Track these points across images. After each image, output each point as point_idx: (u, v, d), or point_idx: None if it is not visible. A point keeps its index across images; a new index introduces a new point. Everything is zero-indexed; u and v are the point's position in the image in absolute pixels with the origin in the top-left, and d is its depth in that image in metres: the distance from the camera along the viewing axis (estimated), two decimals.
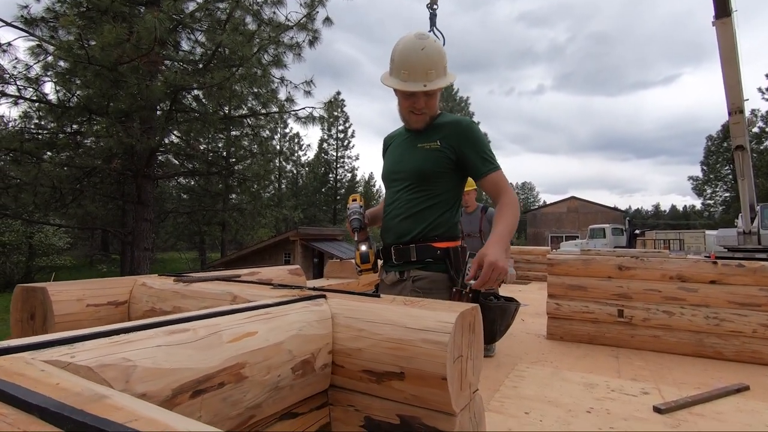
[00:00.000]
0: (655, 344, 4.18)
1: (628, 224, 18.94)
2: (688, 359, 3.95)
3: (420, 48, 1.59)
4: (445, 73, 1.66)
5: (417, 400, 0.93)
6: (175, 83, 6.75)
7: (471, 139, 1.67)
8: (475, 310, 1.04)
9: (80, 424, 0.34)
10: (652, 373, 3.55)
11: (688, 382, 3.31)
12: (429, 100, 1.66)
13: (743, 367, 3.70)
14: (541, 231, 36.22)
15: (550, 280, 4.72)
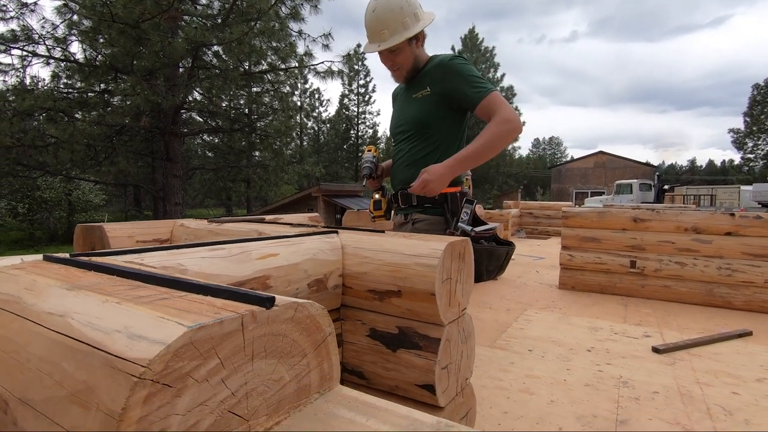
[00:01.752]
0: (664, 294, 4.29)
1: (657, 179, 18.35)
2: (697, 308, 4.05)
3: (372, 10, 1.64)
4: (405, 27, 1.62)
5: (412, 313, 1.12)
6: (195, 39, 6.81)
7: (454, 73, 1.64)
8: (465, 242, 1.20)
9: (214, 289, 0.52)
10: (658, 319, 3.69)
11: (692, 328, 3.44)
12: (396, 57, 1.68)
13: (750, 316, 3.79)
14: (566, 187, 35.48)
15: (565, 233, 4.81)
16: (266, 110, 12.71)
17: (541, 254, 7.41)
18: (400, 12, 1.61)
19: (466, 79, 1.63)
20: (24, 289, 0.51)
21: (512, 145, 34.07)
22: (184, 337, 0.35)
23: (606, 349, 2.96)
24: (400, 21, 1.61)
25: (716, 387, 2.39)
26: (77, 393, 0.35)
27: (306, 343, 0.48)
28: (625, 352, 2.90)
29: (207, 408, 0.37)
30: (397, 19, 1.61)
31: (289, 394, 0.46)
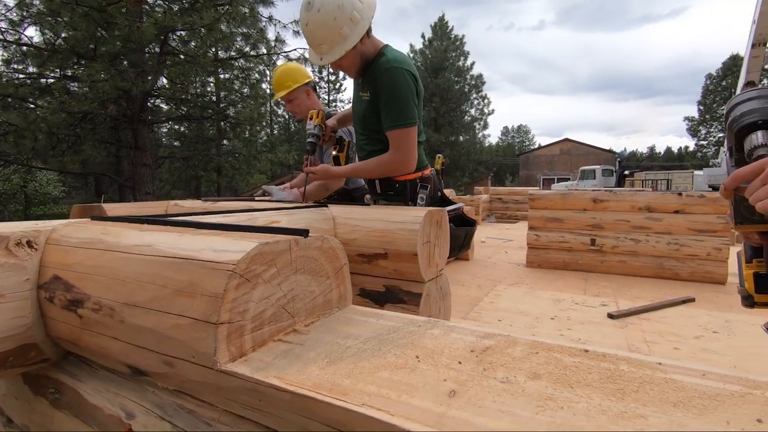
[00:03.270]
0: (621, 268, 4.66)
1: (618, 165, 19.27)
2: (649, 280, 4.44)
3: (305, 24, 1.58)
4: (343, 37, 1.57)
5: (397, 273, 1.29)
6: (164, 24, 6.65)
7: (383, 90, 1.63)
8: (442, 212, 1.38)
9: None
10: (614, 291, 4.04)
11: (644, 297, 3.79)
12: (342, 62, 1.67)
13: (694, 285, 4.19)
14: (534, 173, 36.60)
15: (531, 214, 5.11)
16: (236, 97, 12.51)
17: (510, 237, 7.77)
18: (334, 24, 1.53)
19: (390, 101, 1.62)
20: (100, 234, 0.64)
21: (482, 132, 34.69)
22: (257, 248, 0.50)
23: (567, 317, 3.25)
24: (336, 32, 1.55)
25: (660, 344, 2.71)
26: (181, 289, 0.49)
27: (329, 268, 0.64)
28: (584, 319, 3.20)
29: (269, 301, 0.52)
30: (332, 31, 1.54)
31: (319, 304, 0.62)
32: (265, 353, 0.50)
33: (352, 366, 0.46)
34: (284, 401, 0.42)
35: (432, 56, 30.86)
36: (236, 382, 0.45)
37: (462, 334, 0.55)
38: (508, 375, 0.44)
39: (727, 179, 0.71)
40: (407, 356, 0.48)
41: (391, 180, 1.82)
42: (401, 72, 1.62)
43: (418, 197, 1.78)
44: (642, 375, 0.44)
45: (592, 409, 0.37)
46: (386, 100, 1.63)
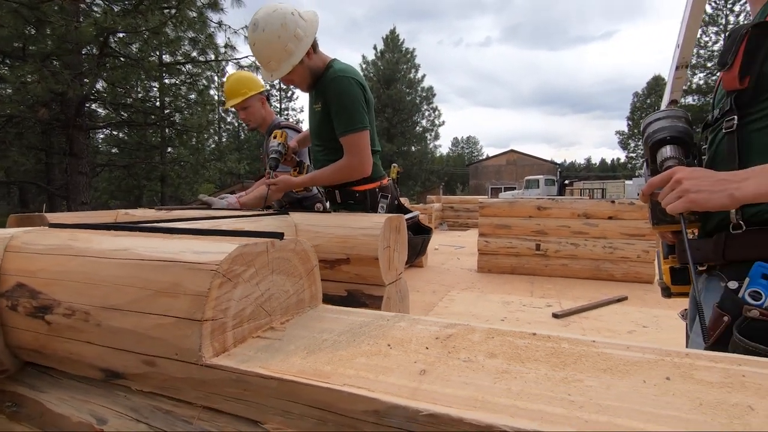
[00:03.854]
0: (563, 271, 4.99)
1: (559, 175, 20.53)
2: (588, 281, 4.78)
3: (252, 44, 1.67)
4: (289, 53, 1.64)
5: (358, 277, 1.34)
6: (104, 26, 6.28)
7: (334, 98, 1.70)
8: (400, 218, 1.44)
9: None
10: (557, 292, 4.31)
11: (584, 297, 4.08)
12: (292, 77, 1.73)
13: (627, 285, 4.57)
14: (483, 183, 38.07)
15: (481, 221, 5.34)
16: (183, 104, 12.03)
17: (462, 244, 8.05)
18: (278, 42, 1.61)
19: (340, 108, 1.69)
20: (69, 240, 0.63)
21: (434, 143, 35.63)
22: (238, 249, 0.53)
23: (516, 318, 3.43)
24: (282, 50, 1.63)
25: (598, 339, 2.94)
26: (164, 289, 0.51)
27: (302, 269, 0.67)
28: (531, 319, 3.39)
29: (249, 300, 0.55)
30: (278, 49, 1.62)
31: (293, 303, 0.65)
32: (247, 348, 0.53)
33: (330, 355, 0.50)
34: (270, 388, 0.45)
35: (384, 68, 31.39)
36: (222, 374, 0.48)
37: (427, 325, 0.61)
38: (470, 355, 0.50)
39: (644, 186, 0.83)
40: (380, 345, 0.53)
41: (351, 190, 1.86)
42: (348, 80, 1.70)
43: (379, 206, 1.83)
44: (579, 350, 0.52)
45: (540, 377, 0.44)
46: (336, 108, 1.70)
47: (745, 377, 0.44)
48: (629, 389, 0.42)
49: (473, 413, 0.37)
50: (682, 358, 0.49)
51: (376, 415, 0.40)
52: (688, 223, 0.86)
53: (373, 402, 0.40)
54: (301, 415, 0.45)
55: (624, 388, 0.42)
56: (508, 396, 0.40)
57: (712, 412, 0.37)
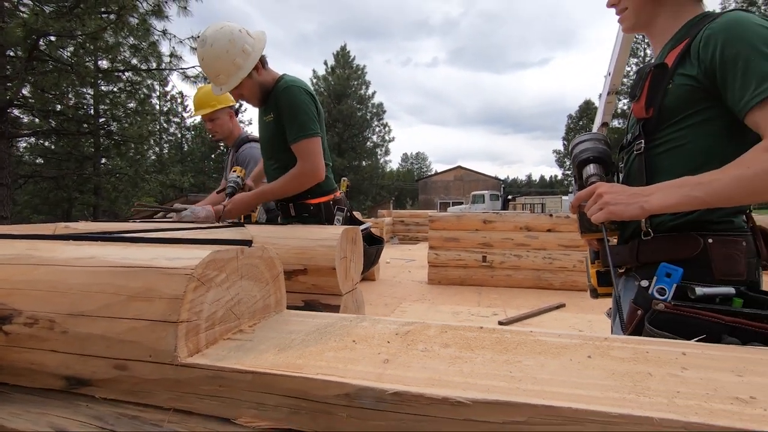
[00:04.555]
0: (507, 281, 5.25)
1: (502, 191, 21.58)
2: (530, 290, 5.07)
3: (201, 59, 1.69)
4: (237, 67, 1.68)
5: (316, 288, 1.37)
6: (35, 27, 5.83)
7: (284, 107, 1.74)
8: (356, 229, 1.50)
9: None
10: (503, 301, 4.54)
11: (526, 305, 4.33)
12: (241, 91, 1.76)
13: (565, 293, 4.90)
14: (432, 198, 39.08)
15: (431, 234, 5.51)
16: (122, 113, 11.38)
17: (413, 257, 8.21)
18: (226, 56, 1.65)
19: (291, 116, 1.74)
20: (28, 250, 0.62)
21: (384, 158, 36.18)
22: (211, 255, 0.56)
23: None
24: (230, 63, 1.66)
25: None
26: (137, 294, 0.53)
27: (268, 275, 0.71)
28: None
29: (220, 303, 0.58)
30: (226, 63, 1.66)
31: (260, 308, 0.68)
32: (219, 349, 0.55)
33: (300, 351, 0.54)
34: (246, 382, 0.49)
35: (335, 83, 31.62)
36: (197, 372, 0.50)
37: (387, 324, 0.67)
38: (427, 346, 0.56)
39: (573, 199, 0.96)
40: (346, 341, 0.58)
41: (306, 203, 1.87)
42: (298, 89, 1.77)
43: (335, 219, 1.86)
44: (519, 339, 0.60)
45: (487, 361, 0.51)
46: (288, 116, 1.75)
47: (648, 353, 0.54)
48: (558, 366, 0.50)
49: (432, 389, 0.43)
50: (602, 342, 0.59)
51: (347, 398, 0.45)
52: (609, 231, 0.99)
53: (344, 386, 0.45)
54: (275, 406, 0.49)
55: (554, 366, 0.50)
56: (460, 375, 0.47)
57: (621, 378, 0.46)
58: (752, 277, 0.83)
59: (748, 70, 0.74)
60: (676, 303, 0.78)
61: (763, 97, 0.73)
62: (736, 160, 0.75)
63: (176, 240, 0.66)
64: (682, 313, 0.76)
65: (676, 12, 0.93)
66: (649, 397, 0.42)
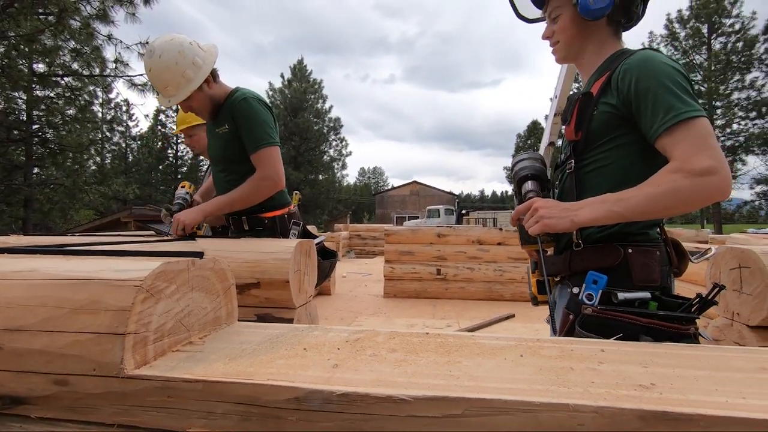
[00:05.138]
0: (461, 294, 5.39)
1: (457, 206, 22.18)
2: (482, 302, 5.23)
3: (148, 70, 1.65)
4: (187, 79, 1.65)
5: (269, 301, 1.36)
6: None
7: (241, 115, 1.73)
8: (311, 243, 1.51)
9: None
10: (456, 313, 4.65)
11: (479, 317, 4.46)
12: (191, 103, 1.74)
13: (515, 304, 5.10)
14: (388, 212, 39.44)
15: (387, 248, 5.57)
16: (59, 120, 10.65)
17: (369, 271, 8.23)
18: (176, 68, 1.63)
19: (250, 125, 1.74)
20: None
21: (341, 172, 36.17)
22: (162, 266, 0.56)
23: None
24: (180, 75, 1.64)
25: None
26: (82, 307, 0.52)
27: (219, 287, 0.71)
28: None
29: (169, 315, 0.58)
30: (176, 74, 1.64)
31: (210, 320, 0.69)
32: (168, 360, 0.55)
33: (251, 360, 0.55)
34: (196, 391, 0.49)
35: (291, 96, 31.40)
36: (145, 384, 0.50)
37: (338, 332, 0.69)
38: (375, 352, 0.59)
39: (513, 213, 1.03)
40: (296, 349, 0.60)
41: (260, 217, 1.86)
42: (255, 100, 1.78)
43: (290, 233, 1.85)
44: (461, 342, 0.64)
45: (429, 362, 0.55)
46: (246, 126, 1.74)
47: (573, 351, 0.60)
48: (494, 365, 0.55)
49: (377, 389, 0.46)
50: (534, 343, 0.64)
51: (297, 402, 0.47)
52: (545, 242, 1.08)
53: (294, 390, 0.47)
54: (225, 414, 0.49)
55: (490, 365, 0.55)
56: (404, 376, 0.50)
57: (547, 373, 0.52)
58: (665, 282, 0.93)
59: (657, 102, 0.86)
60: (602, 307, 0.86)
61: (668, 125, 0.84)
62: (649, 180, 0.85)
63: (124, 252, 0.66)
64: (606, 316, 0.84)
65: (599, 48, 1.05)
66: (568, 387, 0.47)
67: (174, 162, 36.55)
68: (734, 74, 23.58)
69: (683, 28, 24.76)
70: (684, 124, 0.82)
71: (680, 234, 5.47)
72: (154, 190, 35.55)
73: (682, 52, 24.75)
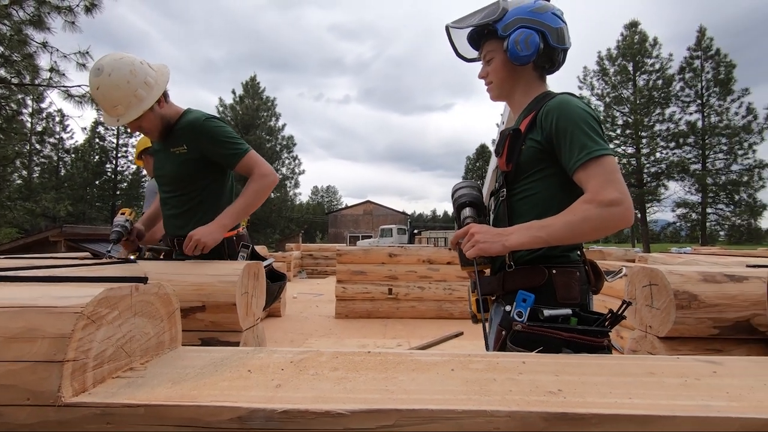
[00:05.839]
0: (412, 313, 5.46)
1: (409, 225, 22.56)
2: (432, 320, 5.33)
3: (95, 87, 1.59)
4: (139, 99, 1.62)
5: (214, 325, 1.34)
6: None
7: (208, 136, 1.72)
8: (259, 265, 1.51)
9: None
10: (407, 332, 4.70)
11: (429, 335, 4.54)
12: (141, 123, 1.69)
13: (463, 322, 5.24)
14: (341, 231, 39.28)
15: (339, 268, 5.56)
16: None
17: (321, 291, 8.12)
18: (127, 87, 1.59)
19: (221, 142, 1.73)
20: None
21: (294, 191, 35.67)
22: (104, 292, 0.56)
23: None
24: (131, 95, 1.60)
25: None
26: (17, 335, 0.51)
27: (163, 312, 0.72)
28: None
29: (110, 341, 0.58)
30: (127, 94, 1.59)
31: (153, 345, 0.69)
32: (108, 387, 0.55)
33: (195, 383, 0.57)
34: (137, 416, 0.50)
35: (243, 113, 30.83)
36: (83, 411, 0.50)
37: (283, 353, 0.72)
38: (317, 371, 0.63)
39: (452, 238, 1.11)
40: (241, 371, 0.62)
41: None
42: (217, 120, 1.78)
43: (239, 256, 1.83)
44: (400, 359, 0.69)
45: (368, 379, 0.59)
46: (217, 145, 1.73)
47: (498, 364, 0.67)
48: (426, 379, 0.60)
49: (316, 405, 0.50)
50: (465, 357, 0.71)
51: (239, 421, 0.49)
52: (482, 264, 1.17)
53: (236, 410, 0.49)
54: None
55: (423, 379, 0.60)
56: (343, 392, 0.54)
57: (472, 384, 0.57)
58: (584, 300, 1.04)
59: (573, 141, 0.98)
60: (530, 324, 0.95)
61: (583, 161, 0.96)
62: (567, 209, 0.96)
63: (63, 278, 0.65)
64: (533, 331, 0.93)
65: (527, 89, 1.18)
66: (489, 396, 0.53)
67: (113, 177, 34.35)
68: (656, 108, 26.20)
69: (612, 65, 27.27)
70: (595, 161, 0.95)
71: (611, 253, 5.91)
72: (89, 207, 33.13)
73: (611, 87, 27.18)
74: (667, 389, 0.57)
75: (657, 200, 26.20)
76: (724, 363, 0.68)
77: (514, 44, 1.08)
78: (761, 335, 1.28)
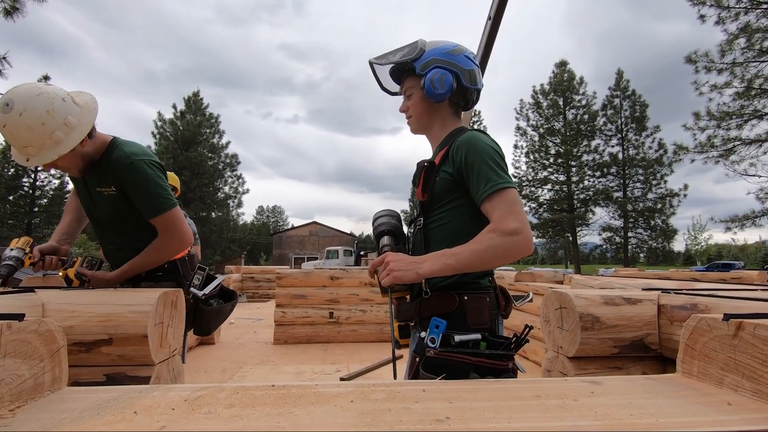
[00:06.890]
0: (353, 336, 5.40)
1: (356, 247, 22.49)
2: (374, 344, 5.30)
3: (2, 125, 1.38)
4: (56, 141, 1.43)
5: (122, 359, 1.25)
6: None
7: (133, 183, 1.59)
8: (178, 292, 1.44)
9: None
10: (347, 356, 4.63)
11: (370, 359, 4.50)
12: (58, 163, 1.53)
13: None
14: (286, 252, 38.30)
15: (278, 292, 5.40)
16: None
17: (261, 315, 7.81)
18: (42, 128, 1.39)
19: (142, 194, 1.61)
20: None
21: (236, 211, 34.40)
22: None
23: None
24: (46, 137, 1.41)
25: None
26: None
27: (44, 350, 0.66)
28: None
29: None
30: (41, 136, 1.40)
31: (28, 388, 0.63)
32: None
33: (69, 429, 0.53)
34: None
35: (184, 129, 29.60)
36: None
37: (180, 391, 0.69)
38: (211, 409, 0.61)
39: (369, 266, 1.14)
40: (125, 413, 0.58)
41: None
42: (141, 163, 1.61)
43: (195, 277, 1.77)
44: (302, 392, 0.69)
45: (263, 416, 0.58)
46: (141, 193, 1.62)
47: (399, 393, 0.69)
48: (322, 412, 0.60)
49: None
50: (368, 388, 0.72)
51: None
52: (400, 291, 1.20)
53: None
54: None
55: (319, 412, 0.60)
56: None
57: (366, 415, 0.58)
58: (493, 325, 1.10)
59: (480, 174, 1.05)
60: (442, 350, 0.98)
61: (488, 194, 1.03)
62: (475, 238, 1.02)
63: None
64: (444, 357, 0.96)
65: (443, 124, 1.25)
66: (378, 427, 0.54)
67: (30, 193, 31.27)
68: (583, 140, 28.61)
69: (545, 99, 29.56)
70: (498, 193, 1.02)
71: (542, 274, 6.27)
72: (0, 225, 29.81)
73: (545, 119, 29.39)
74: (546, 411, 0.61)
75: (586, 224, 28.31)
76: (603, 383, 0.75)
77: (430, 83, 1.15)
78: (653, 352, 1.42)
